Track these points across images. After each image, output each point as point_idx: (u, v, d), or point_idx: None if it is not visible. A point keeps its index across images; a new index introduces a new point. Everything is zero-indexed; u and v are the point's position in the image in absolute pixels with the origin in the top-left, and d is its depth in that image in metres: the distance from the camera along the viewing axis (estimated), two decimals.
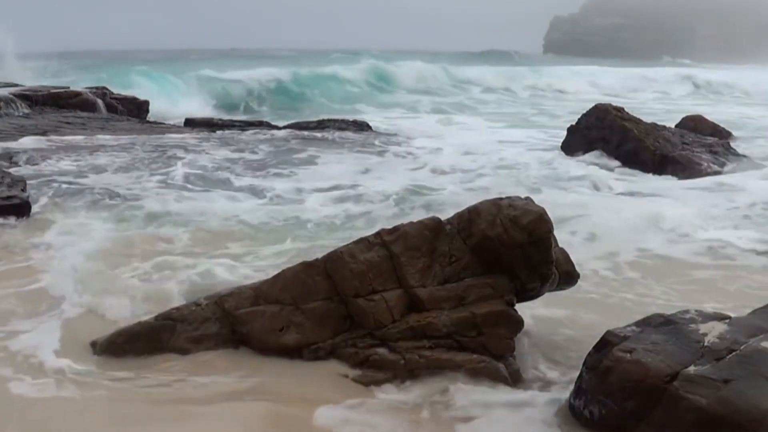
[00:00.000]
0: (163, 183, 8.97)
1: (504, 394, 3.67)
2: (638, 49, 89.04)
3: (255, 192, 8.71)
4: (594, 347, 3.48)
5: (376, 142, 12.88)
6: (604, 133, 11.03)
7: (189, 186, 8.92)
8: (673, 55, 78.72)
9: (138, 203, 7.75)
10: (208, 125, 14.70)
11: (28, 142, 11.36)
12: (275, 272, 4.24)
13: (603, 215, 7.26)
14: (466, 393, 3.65)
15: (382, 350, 3.82)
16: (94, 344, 4.02)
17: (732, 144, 12.04)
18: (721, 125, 13.78)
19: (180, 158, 10.60)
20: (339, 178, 9.40)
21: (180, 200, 8.11)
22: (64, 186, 8.42)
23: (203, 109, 19.92)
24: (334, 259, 4.01)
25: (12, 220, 6.67)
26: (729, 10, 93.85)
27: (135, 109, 16.79)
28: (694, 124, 13.23)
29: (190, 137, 12.85)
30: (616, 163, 10.63)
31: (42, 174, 9.06)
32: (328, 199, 8.32)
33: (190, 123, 15.03)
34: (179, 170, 9.72)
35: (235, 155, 11.14)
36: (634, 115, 11.64)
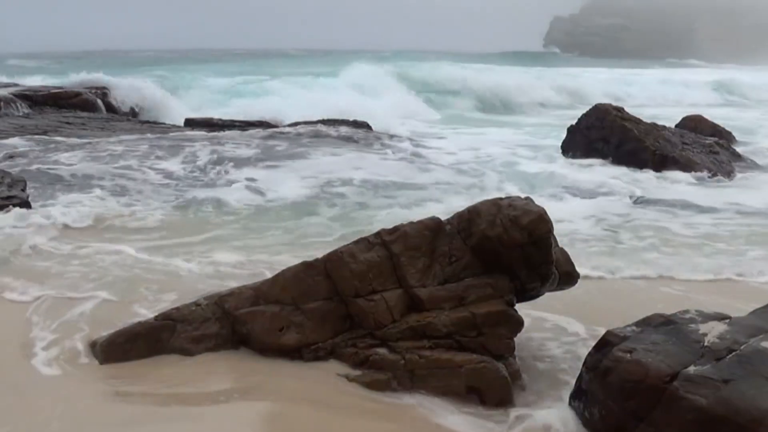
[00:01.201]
0: (161, 180, 9.08)
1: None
2: (639, 50, 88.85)
3: (251, 183, 9.03)
4: (594, 347, 3.48)
5: (373, 140, 13.01)
6: (604, 133, 11.02)
7: (188, 180, 9.12)
8: (675, 56, 78.42)
9: (135, 200, 7.92)
10: (208, 125, 14.70)
11: (28, 142, 11.40)
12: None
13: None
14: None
15: (382, 350, 3.82)
16: (94, 344, 4.01)
17: (733, 145, 12.06)
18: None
19: (180, 155, 10.76)
20: (330, 171, 9.71)
21: (178, 193, 8.38)
22: (64, 185, 8.44)
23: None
24: (334, 259, 4.01)
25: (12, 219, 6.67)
26: (730, 10, 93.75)
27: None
28: (694, 124, 13.23)
29: (190, 136, 12.89)
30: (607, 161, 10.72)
31: (42, 173, 9.07)
32: (316, 186, 8.83)
33: (190, 123, 15.02)
34: (178, 166, 9.91)
35: (233, 151, 11.29)
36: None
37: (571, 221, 7.25)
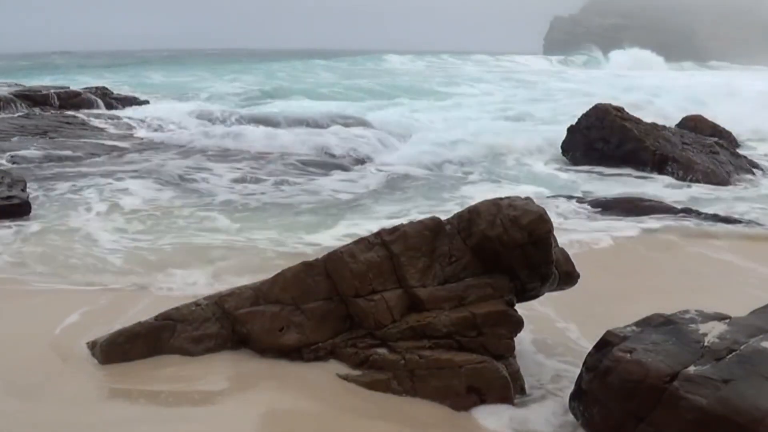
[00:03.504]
0: (160, 176, 9.13)
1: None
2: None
3: (248, 176, 9.55)
4: (594, 347, 3.48)
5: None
6: (604, 133, 11.00)
7: (187, 176, 9.30)
8: (676, 56, 77.90)
9: (132, 199, 7.99)
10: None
11: (28, 142, 11.39)
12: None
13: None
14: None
15: (382, 350, 3.82)
16: (94, 344, 4.00)
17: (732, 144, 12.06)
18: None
19: (179, 152, 11.00)
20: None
21: (177, 188, 8.61)
22: (65, 185, 8.44)
23: None
24: (334, 259, 4.01)
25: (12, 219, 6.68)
26: (731, 10, 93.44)
27: None
28: (694, 124, 13.22)
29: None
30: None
31: (42, 173, 9.07)
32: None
33: None
34: (177, 162, 10.11)
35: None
36: None
37: None
